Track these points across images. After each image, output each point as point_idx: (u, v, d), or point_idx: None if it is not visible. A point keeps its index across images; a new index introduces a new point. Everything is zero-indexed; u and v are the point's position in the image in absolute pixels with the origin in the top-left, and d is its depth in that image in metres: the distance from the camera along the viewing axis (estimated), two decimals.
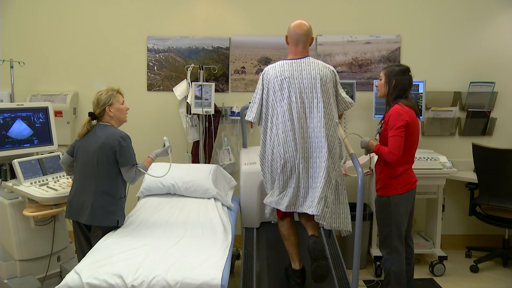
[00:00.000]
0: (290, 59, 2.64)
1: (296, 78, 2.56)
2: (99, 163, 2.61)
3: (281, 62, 2.65)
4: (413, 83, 3.68)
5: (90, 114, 2.71)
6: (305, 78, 2.57)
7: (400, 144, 2.62)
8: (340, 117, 2.77)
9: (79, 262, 2.33)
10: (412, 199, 2.80)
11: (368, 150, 2.84)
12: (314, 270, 2.49)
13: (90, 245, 2.54)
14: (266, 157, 2.69)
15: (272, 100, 2.61)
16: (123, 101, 2.77)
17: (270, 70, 2.65)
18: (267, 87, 2.64)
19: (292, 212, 2.67)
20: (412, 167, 2.82)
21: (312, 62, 2.61)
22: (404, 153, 2.70)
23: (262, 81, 2.67)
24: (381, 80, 2.82)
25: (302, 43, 2.63)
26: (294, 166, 2.54)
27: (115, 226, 2.67)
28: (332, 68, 2.67)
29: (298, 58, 2.63)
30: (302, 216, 2.69)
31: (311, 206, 2.50)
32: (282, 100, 2.56)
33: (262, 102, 2.67)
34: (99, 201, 2.60)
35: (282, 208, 2.58)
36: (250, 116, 2.70)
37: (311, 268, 2.51)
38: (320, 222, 2.51)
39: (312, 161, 2.54)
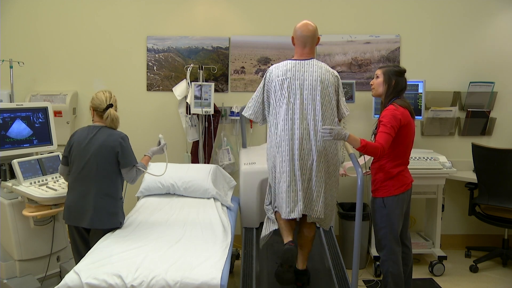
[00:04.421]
0: (295, 60, 2.63)
1: (298, 79, 2.56)
2: (99, 165, 2.57)
3: (286, 61, 2.65)
4: (413, 83, 3.76)
5: (109, 105, 2.62)
6: (306, 80, 2.56)
7: (389, 141, 2.55)
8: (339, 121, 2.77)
9: (76, 264, 2.31)
10: (407, 200, 2.78)
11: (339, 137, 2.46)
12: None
13: (88, 248, 2.49)
14: (268, 155, 2.71)
15: (273, 99, 2.62)
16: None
17: (274, 69, 2.65)
18: (268, 87, 2.65)
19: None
20: (412, 167, 2.81)
21: (315, 65, 2.60)
22: (400, 154, 2.69)
23: (265, 80, 2.68)
24: (378, 78, 2.76)
25: (309, 45, 2.63)
26: (291, 168, 2.54)
27: (117, 227, 2.66)
28: (336, 73, 2.67)
29: (303, 59, 2.62)
30: (302, 222, 2.73)
31: (311, 210, 2.58)
32: (282, 100, 2.57)
33: (263, 100, 2.68)
34: (101, 204, 2.57)
35: (283, 215, 2.59)
36: (247, 112, 2.75)
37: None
38: (321, 225, 2.69)
39: (309, 163, 2.54)
